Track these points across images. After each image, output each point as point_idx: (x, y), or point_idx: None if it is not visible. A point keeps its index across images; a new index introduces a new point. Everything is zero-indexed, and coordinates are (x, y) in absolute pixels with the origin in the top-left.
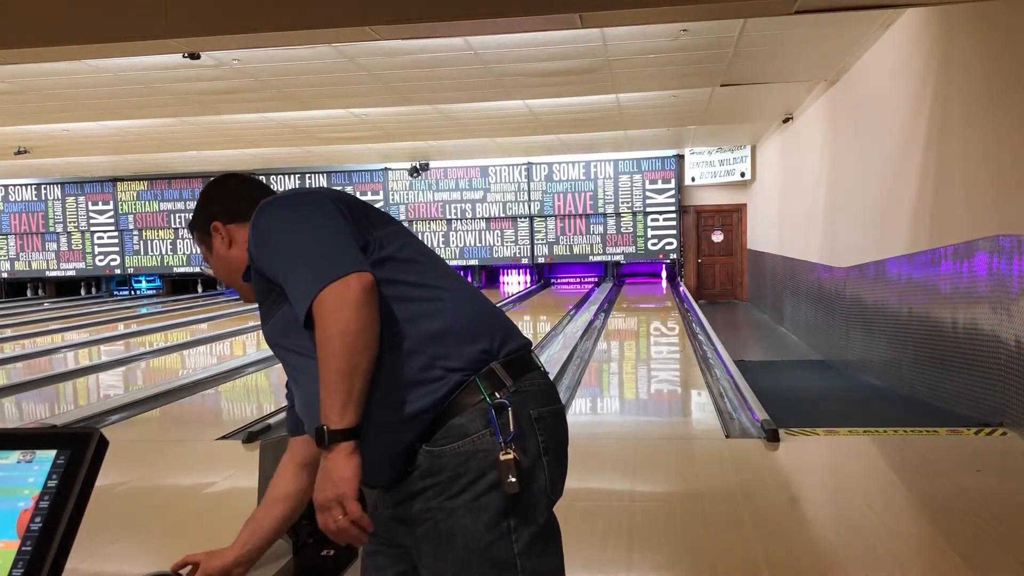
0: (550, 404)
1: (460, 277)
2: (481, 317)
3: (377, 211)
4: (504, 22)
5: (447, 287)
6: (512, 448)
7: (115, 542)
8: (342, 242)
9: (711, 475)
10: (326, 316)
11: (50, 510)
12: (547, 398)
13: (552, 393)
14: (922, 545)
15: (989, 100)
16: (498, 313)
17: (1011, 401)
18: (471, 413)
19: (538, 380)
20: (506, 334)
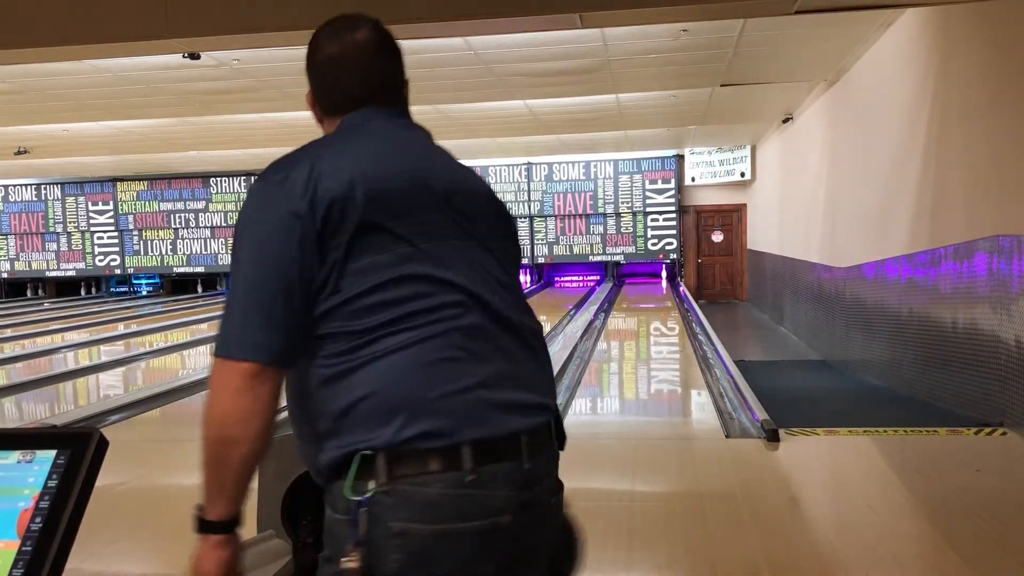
0: (435, 522)
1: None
2: (408, 389)
3: (393, 203)
4: (504, 22)
5: (393, 345)
6: (356, 555)
7: (115, 542)
8: (265, 305)
9: (711, 475)
10: (208, 394)
11: (50, 510)
12: (434, 512)
13: (452, 507)
14: (922, 545)
15: (989, 100)
16: (445, 383)
17: (1011, 401)
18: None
19: (433, 485)
20: (426, 415)
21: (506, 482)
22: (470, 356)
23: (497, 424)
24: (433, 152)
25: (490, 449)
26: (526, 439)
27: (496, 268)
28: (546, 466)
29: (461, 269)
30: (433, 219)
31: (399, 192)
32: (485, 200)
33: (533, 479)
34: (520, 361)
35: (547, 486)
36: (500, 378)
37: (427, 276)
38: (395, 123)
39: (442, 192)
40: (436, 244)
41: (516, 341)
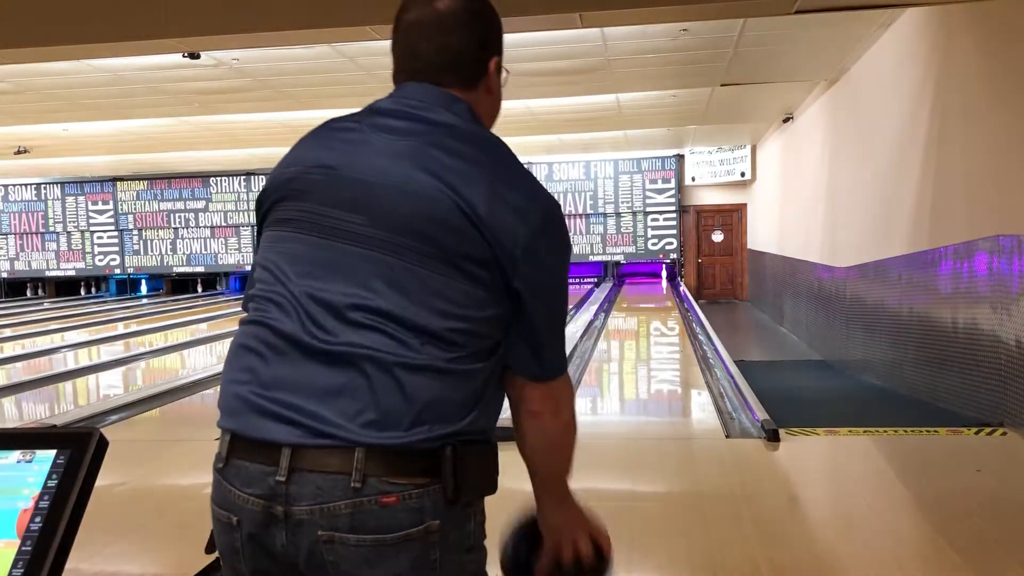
0: (222, 507)
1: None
2: (230, 366)
3: (274, 181)
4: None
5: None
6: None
7: (115, 542)
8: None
9: (711, 475)
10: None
11: (50, 510)
12: (214, 491)
13: (214, 485)
14: (922, 545)
15: (989, 100)
16: (242, 368)
17: (1011, 401)
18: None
19: (214, 464)
20: (225, 401)
21: (247, 484)
22: (268, 353)
23: (255, 425)
24: (386, 154)
25: (243, 446)
26: (288, 452)
27: (373, 281)
28: (320, 493)
29: (305, 267)
30: (316, 211)
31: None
32: (419, 218)
33: (287, 497)
34: (314, 378)
35: (320, 515)
36: (280, 384)
37: (273, 266)
38: (379, 121)
39: (348, 190)
40: (302, 236)
41: (313, 358)
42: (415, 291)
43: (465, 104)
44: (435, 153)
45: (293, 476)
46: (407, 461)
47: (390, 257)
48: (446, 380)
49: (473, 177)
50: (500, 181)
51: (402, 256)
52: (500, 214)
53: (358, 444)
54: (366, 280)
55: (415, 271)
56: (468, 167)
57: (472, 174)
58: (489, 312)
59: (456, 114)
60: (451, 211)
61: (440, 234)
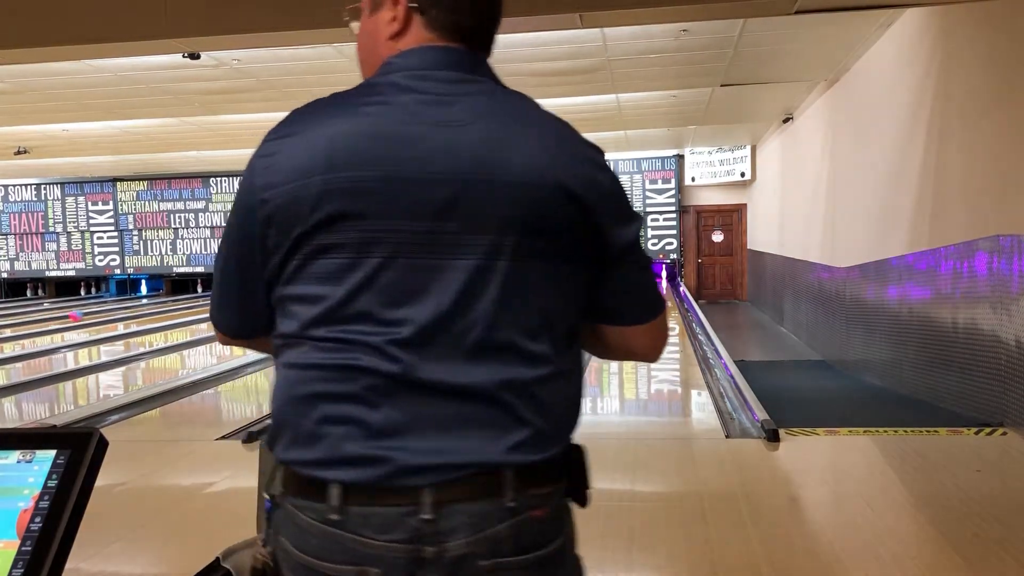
0: (304, 552)
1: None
2: (293, 402)
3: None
4: (504, 22)
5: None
6: (266, 552)
7: (115, 542)
8: None
9: (711, 475)
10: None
11: (50, 510)
12: (320, 548)
13: (317, 542)
14: (922, 545)
15: (989, 100)
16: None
17: (1011, 401)
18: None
19: (318, 519)
20: (298, 436)
21: (383, 530)
22: (372, 397)
23: (379, 474)
24: (446, 137)
25: (366, 494)
26: (431, 489)
27: (482, 296)
28: (476, 522)
29: (392, 295)
30: (386, 228)
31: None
32: (519, 209)
33: (438, 535)
34: (440, 415)
35: (479, 544)
36: (399, 429)
37: (341, 299)
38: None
39: (424, 193)
40: (374, 260)
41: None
42: (528, 293)
43: (489, 66)
44: (497, 129)
45: (441, 511)
46: (543, 469)
47: (497, 261)
48: (570, 380)
49: (544, 145)
50: (567, 141)
51: (508, 257)
52: (584, 175)
53: (506, 466)
54: (475, 298)
55: (524, 269)
56: (532, 136)
57: (541, 142)
58: (583, 291)
59: (491, 79)
60: (546, 189)
61: (543, 221)
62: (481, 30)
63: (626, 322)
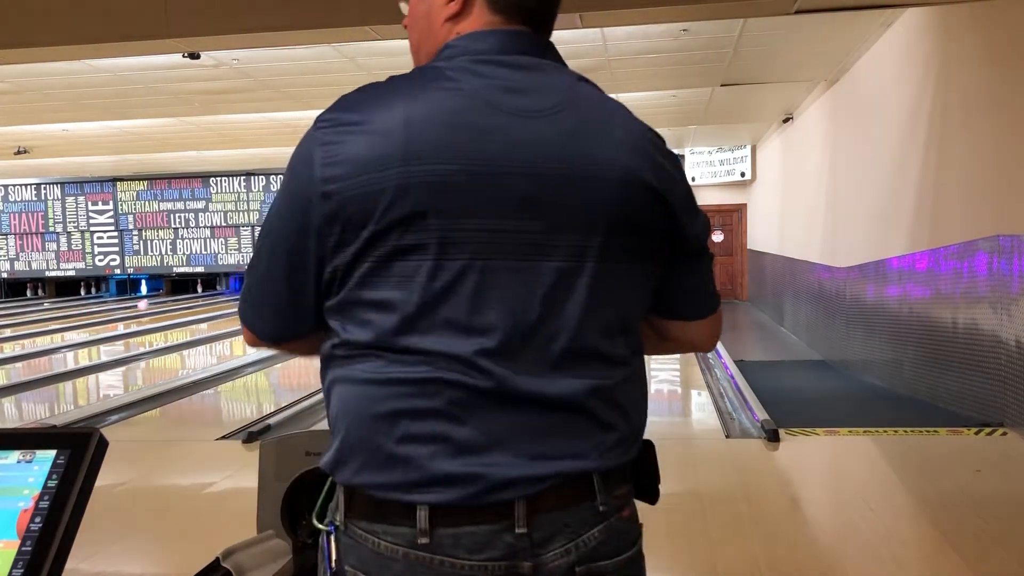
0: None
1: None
2: (359, 419)
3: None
4: None
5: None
6: None
7: (115, 542)
8: None
9: (711, 475)
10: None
11: (50, 510)
12: (382, 567)
13: (401, 567)
14: (922, 545)
15: (989, 100)
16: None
17: (1011, 401)
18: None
19: (404, 543)
20: (375, 458)
21: (476, 550)
22: (456, 411)
23: (469, 493)
24: (530, 129)
25: (454, 513)
26: (523, 502)
27: (566, 299)
28: (570, 528)
29: (472, 301)
30: (463, 227)
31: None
32: (606, 207)
33: (533, 548)
34: (529, 426)
35: (576, 552)
36: (488, 443)
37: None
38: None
39: (507, 190)
40: (451, 263)
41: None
42: (612, 295)
43: (556, 50)
44: (582, 121)
45: (533, 522)
46: (625, 470)
47: (584, 263)
48: (642, 380)
49: (627, 141)
50: (644, 135)
51: (595, 259)
52: (665, 170)
53: (595, 471)
54: (565, 302)
55: (610, 271)
56: (616, 127)
57: (623, 135)
58: (654, 288)
59: (561, 63)
60: (632, 186)
61: (630, 219)
62: (545, 10)
63: (691, 316)
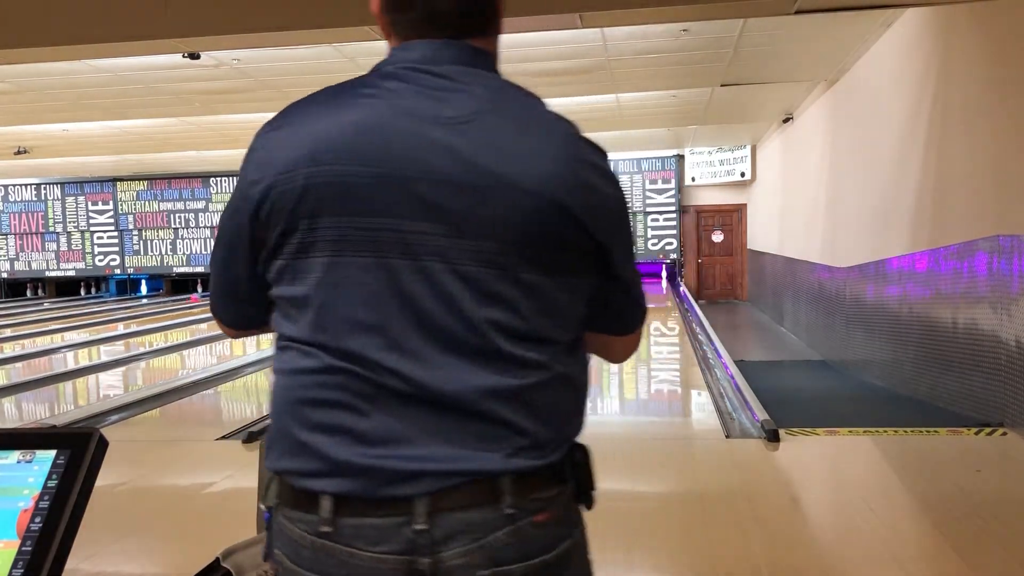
0: (321, 573)
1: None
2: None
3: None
4: (504, 22)
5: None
6: (268, 568)
7: (115, 542)
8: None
9: (711, 475)
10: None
11: (50, 510)
12: (314, 561)
13: (326, 562)
14: (922, 545)
15: (989, 100)
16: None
17: (1011, 401)
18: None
19: (311, 531)
20: (290, 445)
21: (376, 542)
22: (361, 404)
23: (370, 485)
24: (437, 136)
25: (358, 504)
26: (425, 498)
27: (470, 302)
28: (473, 528)
29: (379, 301)
30: (370, 226)
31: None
32: (510, 214)
33: (433, 545)
34: (432, 423)
35: (479, 553)
36: (391, 438)
37: (331, 304)
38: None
39: (412, 192)
40: (360, 259)
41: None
42: (520, 302)
43: (490, 57)
44: (497, 131)
45: (435, 520)
46: (543, 473)
47: (487, 269)
48: (570, 385)
49: (547, 153)
50: (571, 149)
51: (500, 266)
52: (584, 188)
53: (503, 473)
54: (464, 303)
55: (516, 279)
56: (540, 140)
57: (549, 147)
58: (581, 298)
59: (489, 71)
60: (544, 201)
61: (536, 229)
62: (470, 14)
63: (611, 332)
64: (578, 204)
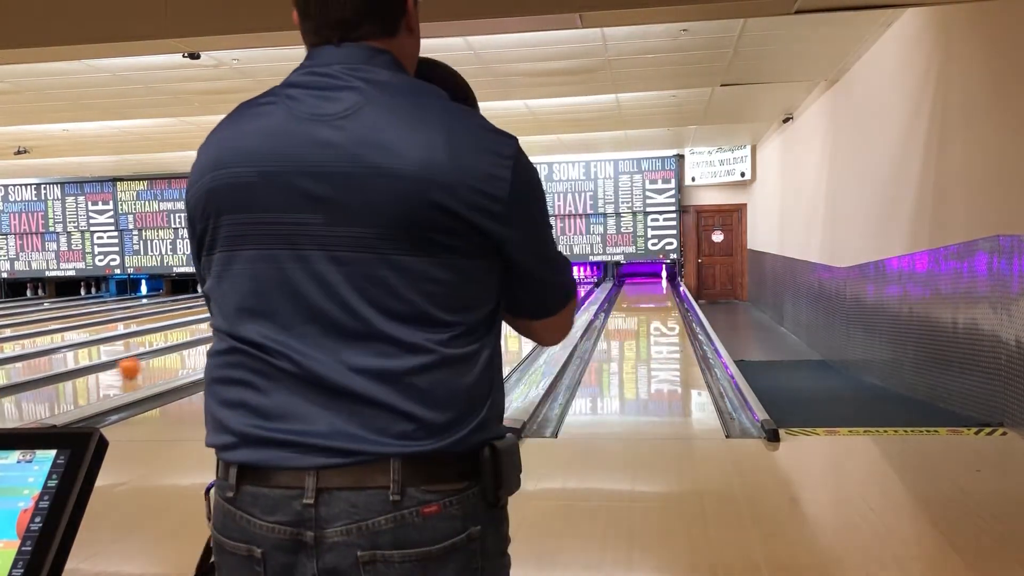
0: (225, 535)
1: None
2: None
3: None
4: (504, 22)
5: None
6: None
7: (115, 542)
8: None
9: (711, 475)
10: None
11: (50, 510)
12: (222, 522)
13: (228, 524)
14: (922, 545)
15: (989, 100)
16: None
17: (1011, 401)
18: None
19: (220, 494)
20: (211, 424)
21: (269, 511)
22: (261, 382)
23: (266, 456)
24: (324, 135)
25: (256, 473)
26: (313, 472)
27: (348, 287)
28: (355, 511)
29: (268, 288)
30: (262, 220)
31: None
32: (383, 203)
33: (318, 520)
34: (324, 401)
35: (358, 534)
36: (285, 415)
37: (235, 294)
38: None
39: (293, 187)
40: (253, 252)
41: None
42: (398, 285)
43: (390, 55)
44: (376, 123)
45: (322, 497)
46: (445, 466)
47: (363, 254)
48: (461, 369)
49: (427, 139)
50: (457, 137)
51: (375, 250)
52: (468, 175)
53: (392, 455)
54: (342, 288)
55: (393, 262)
56: (417, 130)
57: (424, 137)
58: (477, 282)
59: (384, 67)
60: (417, 186)
61: (411, 215)
62: (363, 18)
63: (527, 316)
64: (452, 191)
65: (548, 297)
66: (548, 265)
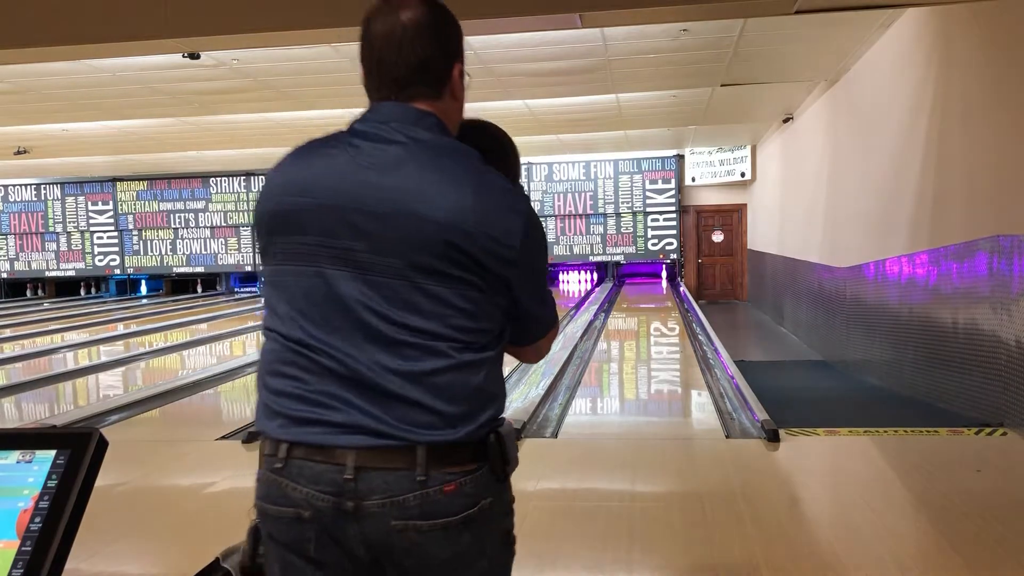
0: (270, 502)
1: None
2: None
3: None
4: (504, 22)
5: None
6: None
7: (115, 542)
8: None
9: (711, 475)
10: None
11: (50, 510)
12: (267, 492)
13: (264, 488)
14: (922, 545)
15: (989, 100)
16: (274, 373)
17: (1011, 401)
18: None
19: (268, 468)
20: (262, 412)
21: (314, 481)
22: (310, 377)
23: (314, 435)
24: (374, 178)
25: (303, 450)
26: (353, 453)
27: (386, 303)
28: (388, 487)
29: (316, 300)
30: (315, 243)
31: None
32: (416, 240)
33: (357, 493)
34: (360, 394)
35: (391, 507)
36: (329, 402)
37: (287, 301)
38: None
39: (345, 217)
40: (304, 268)
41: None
42: (425, 305)
43: (435, 118)
44: (416, 175)
45: (360, 474)
46: (460, 452)
47: (396, 279)
48: (476, 372)
49: (457, 193)
50: (482, 194)
51: (407, 277)
52: (488, 227)
53: (419, 443)
54: (381, 305)
55: (422, 288)
56: (450, 184)
57: (455, 191)
58: (489, 309)
59: (428, 129)
60: (443, 229)
61: (434, 251)
62: (414, 83)
63: (512, 341)
64: (473, 239)
65: (532, 328)
66: (538, 304)
